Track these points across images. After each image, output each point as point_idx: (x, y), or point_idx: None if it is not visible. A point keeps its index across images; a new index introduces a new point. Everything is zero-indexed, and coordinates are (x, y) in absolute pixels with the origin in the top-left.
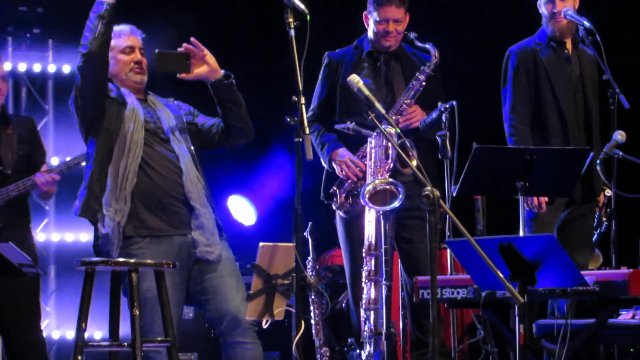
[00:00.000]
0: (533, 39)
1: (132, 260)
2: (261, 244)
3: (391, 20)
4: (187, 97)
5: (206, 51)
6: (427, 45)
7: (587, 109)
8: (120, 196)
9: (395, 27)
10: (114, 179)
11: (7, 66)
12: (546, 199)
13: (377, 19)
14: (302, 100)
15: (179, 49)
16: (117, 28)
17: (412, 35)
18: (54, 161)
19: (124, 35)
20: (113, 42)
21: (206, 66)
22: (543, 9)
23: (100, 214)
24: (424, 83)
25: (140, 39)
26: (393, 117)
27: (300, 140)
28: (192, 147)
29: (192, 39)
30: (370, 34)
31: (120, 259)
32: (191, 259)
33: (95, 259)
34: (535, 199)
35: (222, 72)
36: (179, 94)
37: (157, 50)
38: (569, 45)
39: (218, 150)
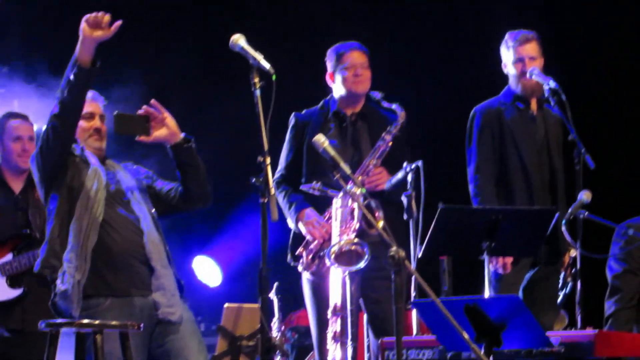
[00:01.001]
0: (498, 99)
1: (97, 322)
2: (226, 305)
3: (358, 64)
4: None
5: (166, 113)
6: (393, 106)
7: (552, 169)
8: (81, 254)
9: (363, 71)
10: (75, 235)
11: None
12: (511, 259)
13: (345, 65)
14: (268, 160)
15: (139, 111)
16: None
17: (379, 95)
18: None
19: (86, 101)
20: None
21: (166, 129)
22: (510, 68)
23: (61, 270)
24: (390, 143)
25: (101, 105)
26: (360, 178)
27: (266, 201)
28: (152, 210)
29: (152, 100)
30: (337, 91)
31: (85, 321)
32: (152, 321)
33: (59, 320)
34: (500, 259)
35: (182, 135)
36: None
37: (115, 113)
38: (534, 105)
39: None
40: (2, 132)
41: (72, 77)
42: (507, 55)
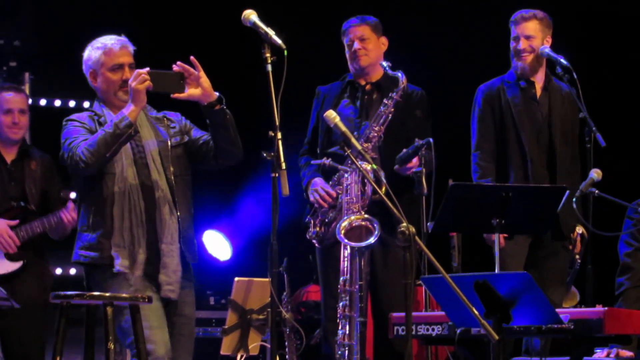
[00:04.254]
0: (502, 78)
1: (107, 294)
2: (236, 279)
3: (355, 39)
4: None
5: (202, 72)
6: (397, 74)
7: (551, 148)
8: (127, 237)
9: (362, 45)
10: (119, 220)
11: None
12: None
13: (346, 41)
14: (279, 135)
15: (174, 67)
16: (105, 41)
17: (386, 64)
18: None
19: (114, 51)
20: (101, 58)
21: (200, 88)
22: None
23: (108, 255)
24: (392, 109)
25: (132, 52)
26: (363, 145)
27: (277, 175)
28: (172, 176)
29: (191, 57)
30: (349, 66)
31: (95, 293)
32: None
33: (69, 292)
34: (491, 235)
35: (216, 94)
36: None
37: (148, 70)
38: (538, 84)
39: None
40: None
41: (119, 131)
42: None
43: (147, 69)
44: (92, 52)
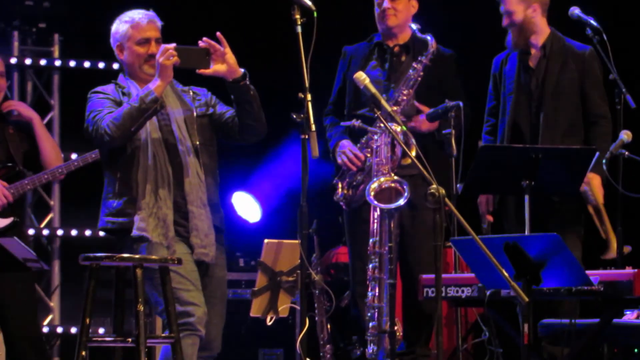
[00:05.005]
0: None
1: (137, 256)
2: (266, 240)
3: None
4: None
5: (228, 49)
6: (427, 37)
7: (537, 118)
8: (150, 202)
9: (392, 4)
10: (143, 185)
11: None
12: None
13: (376, 1)
14: (309, 97)
15: (200, 43)
16: (133, 15)
17: (415, 26)
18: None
19: (141, 25)
20: (128, 31)
21: (225, 65)
22: None
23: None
24: (421, 73)
25: (159, 27)
26: (393, 108)
27: (306, 137)
28: (198, 142)
29: (217, 33)
30: (377, 25)
31: (125, 255)
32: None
33: (99, 254)
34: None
35: (242, 71)
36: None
37: (175, 46)
38: (533, 50)
39: (226, 144)
40: None
41: (145, 106)
42: None
43: (174, 44)
44: (120, 25)
